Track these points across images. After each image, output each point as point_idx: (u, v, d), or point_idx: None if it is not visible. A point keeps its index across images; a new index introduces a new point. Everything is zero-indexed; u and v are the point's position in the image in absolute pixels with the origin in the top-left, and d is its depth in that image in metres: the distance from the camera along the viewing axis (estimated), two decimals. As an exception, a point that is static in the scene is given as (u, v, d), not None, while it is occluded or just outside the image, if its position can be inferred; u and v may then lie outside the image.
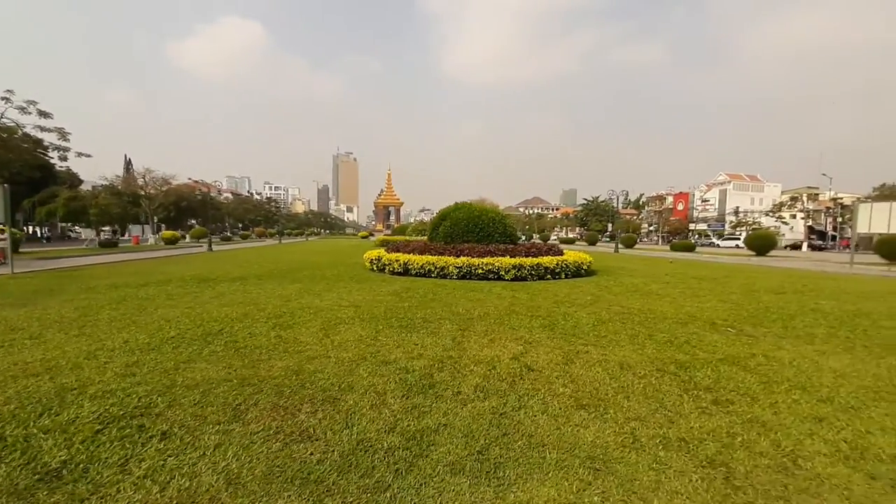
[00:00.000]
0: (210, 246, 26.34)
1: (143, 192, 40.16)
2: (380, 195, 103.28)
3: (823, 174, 54.60)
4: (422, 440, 2.63)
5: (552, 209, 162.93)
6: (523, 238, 38.56)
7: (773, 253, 31.38)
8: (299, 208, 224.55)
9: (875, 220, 14.86)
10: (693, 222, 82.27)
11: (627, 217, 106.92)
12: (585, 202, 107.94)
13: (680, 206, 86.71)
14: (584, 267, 12.23)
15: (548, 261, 11.31)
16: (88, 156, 34.92)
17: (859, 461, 2.51)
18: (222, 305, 6.87)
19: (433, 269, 11.21)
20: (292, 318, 5.93)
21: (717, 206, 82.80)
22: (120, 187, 44.15)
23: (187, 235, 42.78)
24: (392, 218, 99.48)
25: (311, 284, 9.65)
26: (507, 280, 10.79)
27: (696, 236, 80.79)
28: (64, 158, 32.69)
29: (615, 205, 71.26)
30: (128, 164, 68.82)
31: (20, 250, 21.90)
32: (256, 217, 70.97)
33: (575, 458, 2.46)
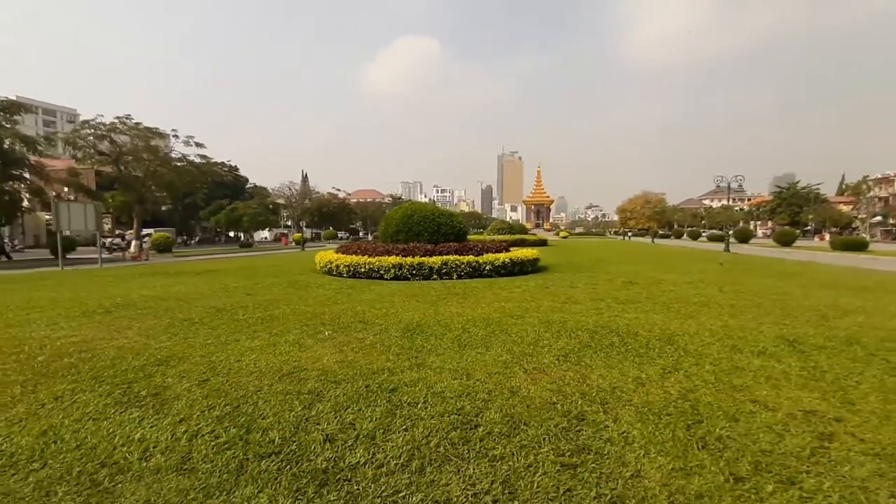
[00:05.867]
0: (303, 246, 31.10)
1: (291, 203, 49.09)
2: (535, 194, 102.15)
3: None
4: None
5: (746, 200, 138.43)
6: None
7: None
8: (463, 208, 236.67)
9: None
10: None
11: (838, 206, 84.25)
12: (778, 190, 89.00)
13: (917, 189, 64.22)
14: (488, 267, 11.24)
15: (433, 261, 10.86)
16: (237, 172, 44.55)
17: None
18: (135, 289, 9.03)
19: (332, 267, 11.87)
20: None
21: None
22: (296, 198, 54.87)
23: (321, 236, 50.54)
24: (541, 216, 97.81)
25: (212, 279, 11.40)
26: (387, 280, 10.80)
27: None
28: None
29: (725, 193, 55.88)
30: (304, 178, 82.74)
31: (172, 250, 29.75)
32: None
33: None
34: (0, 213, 25.81)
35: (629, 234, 79.20)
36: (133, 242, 28.33)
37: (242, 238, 46.25)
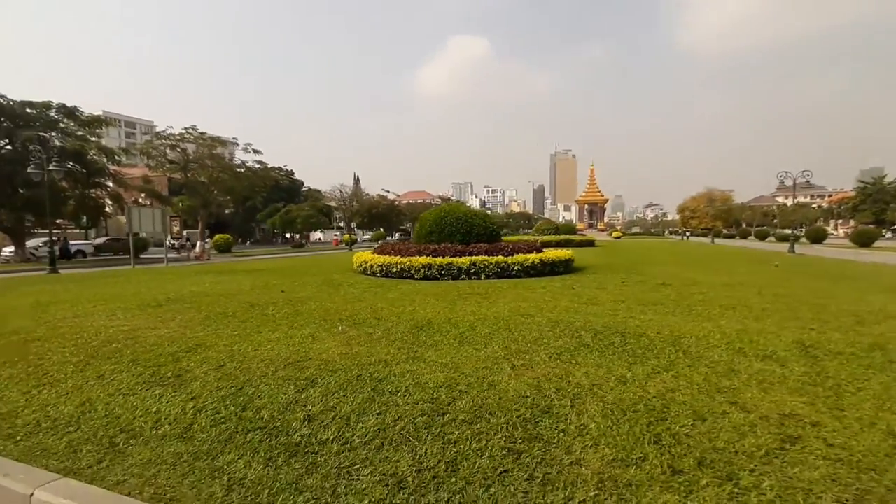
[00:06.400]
0: (351, 247, 32.33)
1: (342, 205, 51.10)
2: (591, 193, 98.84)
3: None
4: None
5: (825, 196, 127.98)
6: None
7: None
8: (514, 209, 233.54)
9: None
10: None
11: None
12: (862, 185, 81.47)
13: None
14: (517, 267, 11.34)
15: (461, 261, 11.11)
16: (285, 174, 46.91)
17: None
18: (171, 285, 10.09)
19: (367, 267, 12.44)
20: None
21: None
22: (349, 199, 57.31)
23: (370, 236, 52.10)
24: (595, 215, 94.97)
25: (257, 278, 12.28)
26: (417, 279, 11.17)
27: None
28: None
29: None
30: (356, 180, 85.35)
31: (232, 250, 31.90)
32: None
33: None
34: (87, 217, 28.87)
35: (688, 234, 75.28)
36: (198, 243, 30.71)
37: (296, 239, 48.74)
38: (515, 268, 11.33)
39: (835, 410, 3.14)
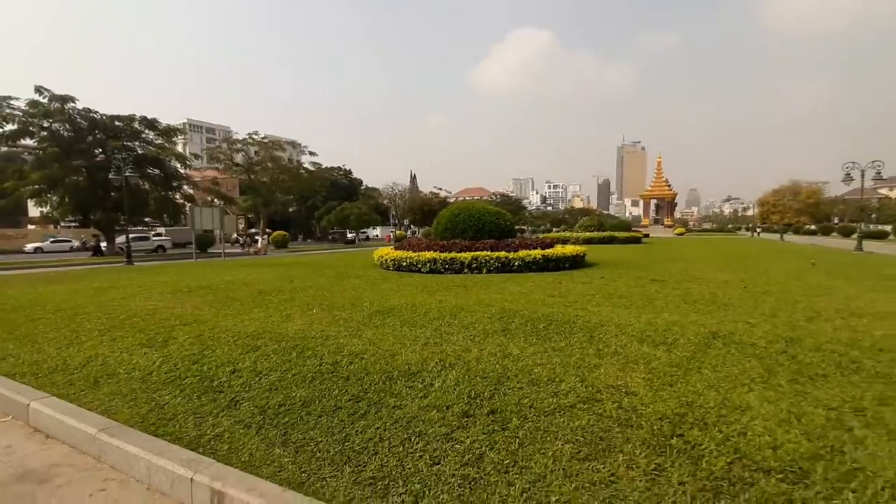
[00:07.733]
0: (394, 243, 33.92)
1: (392, 202, 53.24)
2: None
3: None
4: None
5: None
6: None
7: None
8: (577, 204, 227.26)
9: None
10: None
11: None
12: None
13: None
14: (517, 262, 11.86)
15: (463, 256, 11.84)
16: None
17: None
18: (220, 275, 11.84)
19: (383, 261, 13.53)
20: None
21: None
22: (397, 197, 59.75)
23: (420, 233, 53.76)
24: (662, 211, 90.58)
25: (285, 270, 13.76)
26: (424, 272, 12.08)
27: None
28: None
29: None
30: (412, 178, 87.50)
31: (288, 246, 34.59)
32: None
33: None
34: (167, 215, 32.64)
35: (758, 230, 69.96)
36: (259, 239, 33.67)
37: (351, 235, 51.51)
38: (516, 263, 11.85)
39: (665, 387, 3.60)
